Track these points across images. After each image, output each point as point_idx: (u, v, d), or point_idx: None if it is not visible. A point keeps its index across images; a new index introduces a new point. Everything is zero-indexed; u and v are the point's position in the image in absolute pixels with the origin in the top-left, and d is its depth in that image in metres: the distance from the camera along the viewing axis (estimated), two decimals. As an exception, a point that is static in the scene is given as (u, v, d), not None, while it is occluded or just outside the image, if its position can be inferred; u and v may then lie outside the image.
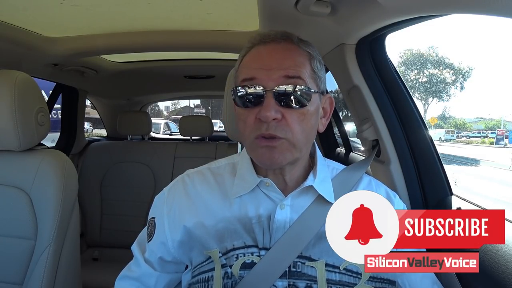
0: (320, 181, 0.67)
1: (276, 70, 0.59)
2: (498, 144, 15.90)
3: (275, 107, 0.58)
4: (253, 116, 0.60)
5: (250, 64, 0.63)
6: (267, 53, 0.62)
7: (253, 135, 0.60)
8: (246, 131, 0.62)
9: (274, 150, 0.60)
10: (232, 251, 0.63)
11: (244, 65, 0.64)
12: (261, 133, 0.59)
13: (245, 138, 0.63)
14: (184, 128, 2.19)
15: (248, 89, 0.60)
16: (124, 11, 1.16)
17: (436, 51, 26.63)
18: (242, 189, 0.67)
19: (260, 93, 0.59)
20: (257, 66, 0.61)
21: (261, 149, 0.60)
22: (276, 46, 0.63)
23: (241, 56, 0.66)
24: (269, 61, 0.60)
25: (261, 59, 0.61)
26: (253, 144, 0.61)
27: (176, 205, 0.69)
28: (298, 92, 0.59)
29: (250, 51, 0.65)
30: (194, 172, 0.74)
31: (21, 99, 0.91)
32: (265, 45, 0.63)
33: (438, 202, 0.86)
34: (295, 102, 0.60)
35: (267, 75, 0.59)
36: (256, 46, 0.64)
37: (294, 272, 0.61)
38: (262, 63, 0.61)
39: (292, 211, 0.65)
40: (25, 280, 0.91)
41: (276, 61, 0.60)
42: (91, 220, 2.02)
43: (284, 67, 0.60)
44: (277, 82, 0.59)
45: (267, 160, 0.61)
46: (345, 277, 0.61)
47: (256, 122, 0.60)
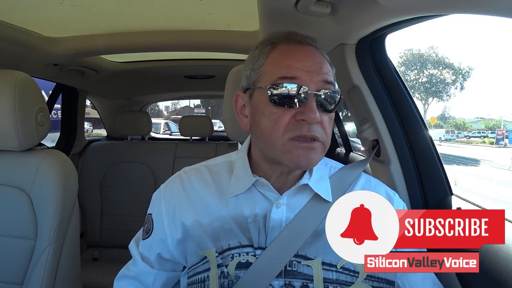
0: (317, 180, 0.67)
1: (317, 73, 0.60)
2: (498, 144, 15.90)
3: (317, 109, 0.58)
4: (289, 116, 0.59)
5: (288, 62, 0.60)
6: (305, 54, 0.61)
7: (288, 136, 0.59)
8: (278, 131, 0.59)
9: (312, 152, 0.59)
10: (227, 250, 0.63)
11: (276, 61, 0.62)
12: (301, 134, 0.58)
13: (274, 139, 0.60)
14: (184, 128, 2.19)
15: (289, 87, 0.58)
16: (124, 11, 1.16)
17: (436, 51, 26.63)
18: (238, 188, 0.66)
19: (304, 93, 0.58)
20: (298, 66, 0.59)
21: (297, 150, 0.59)
22: (311, 49, 0.62)
23: (264, 52, 0.63)
24: (310, 63, 0.60)
25: (301, 60, 0.60)
26: (288, 145, 0.59)
27: (174, 202, 0.69)
28: (332, 97, 0.61)
29: (278, 48, 0.63)
30: (191, 169, 0.74)
31: (21, 99, 0.91)
32: (299, 45, 0.62)
33: (438, 202, 0.86)
34: (329, 106, 0.61)
35: (309, 76, 0.59)
36: (286, 44, 0.63)
37: (290, 271, 0.61)
38: (303, 63, 0.60)
39: (288, 210, 0.65)
40: (25, 280, 0.91)
41: (315, 64, 0.60)
42: (91, 220, 2.02)
43: (323, 72, 0.60)
44: (317, 86, 0.59)
45: (304, 162, 0.59)
46: (342, 275, 0.61)
47: (292, 123, 0.59)
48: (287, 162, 0.60)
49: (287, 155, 0.59)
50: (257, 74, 0.63)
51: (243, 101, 0.67)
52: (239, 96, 0.68)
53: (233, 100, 0.69)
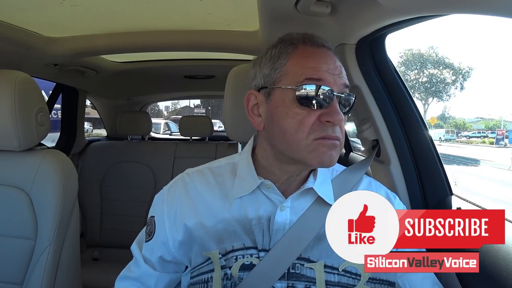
0: (320, 183, 0.67)
1: (338, 76, 0.61)
2: (498, 144, 15.91)
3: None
4: (314, 117, 0.59)
5: (314, 64, 0.61)
6: (327, 57, 0.62)
7: (313, 136, 0.59)
8: (303, 131, 0.59)
9: (334, 150, 0.60)
10: (231, 252, 0.63)
11: (300, 62, 0.61)
12: (326, 135, 0.59)
13: (299, 139, 0.60)
14: (184, 128, 2.19)
15: (317, 89, 0.59)
16: (124, 11, 1.16)
17: (436, 51, 26.65)
18: (243, 190, 0.66)
19: (331, 95, 0.59)
20: (323, 68, 0.60)
21: (324, 147, 0.59)
22: (330, 53, 0.64)
23: (287, 52, 0.63)
24: (333, 66, 0.61)
25: (326, 63, 0.61)
26: (313, 145, 0.59)
27: (176, 204, 0.69)
28: (348, 99, 0.63)
29: (300, 49, 0.63)
30: (194, 171, 0.74)
31: (21, 99, 0.91)
32: (321, 48, 0.63)
33: (438, 202, 0.86)
34: (345, 109, 0.62)
35: (333, 79, 0.60)
36: (309, 46, 0.63)
37: (293, 273, 0.61)
38: (328, 66, 0.61)
39: (292, 213, 0.65)
40: (25, 280, 0.91)
41: (337, 68, 0.62)
42: (91, 220, 2.01)
43: (343, 75, 0.62)
44: (339, 88, 0.61)
45: (328, 159, 0.60)
46: (344, 278, 0.61)
47: (317, 124, 0.59)
48: (312, 161, 0.60)
49: (313, 154, 0.59)
50: (278, 74, 0.62)
51: (257, 100, 0.66)
52: (251, 95, 0.67)
53: (244, 98, 0.68)
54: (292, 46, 0.63)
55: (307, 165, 0.62)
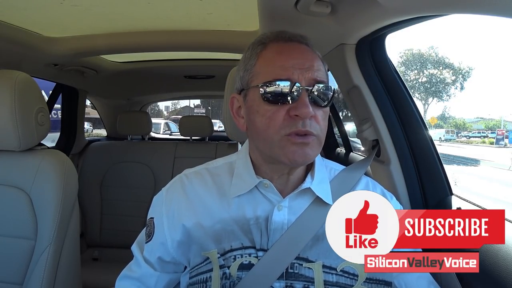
0: (318, 183, 0.67)
1: (308, 70, 0.61)
2: (498, 144, 15.90)
3: (310, 105, 0.59)
4: (283, 112, 0.60)
5: (280, 61, 0.61)
6: (296, 52, 0.62)
7: (284, 132, 0.59)
8: (273, 128, 0.60)
9: (306, 147, 0.60)
10: (229, 252, 0.63)
11: (268, 61, 0.63)
12: (296, 130, 0.59)
13: (270, 136, 0.61)
14: (184, 128, 2.19)
15: (281, 85, 0.60)
16: (124, 11, 1.16)
17: (436, 51, 26.63)
18: (240, 189, 0.66)
19: (297, 90, 0.59)
20: (289, 64, 0.61)
21: (293, 146, 0.59)
22: (301, 47, 0.64)
23: (256, 52, 0.65)
24: (301, 61, 0.61)
25: (292, 58, 0.61)
26: (283, 141, 0.60)
27: (174, 205, 0.69)
28: (324, 92, 0.62)
29: (269, 48, 0.64)
30: (192, 172, 0.74)
31: (21, 99, 0.91)
32: (289, 44, 0.63)
33: (438, 202, 0.86)
34: (322, 102, 0.62)
35: (301, 73, 0.60)
36: (276, 43, 0.64)
37: (292, 273, 0.61)
38: (294, 61, 0.61)
39: (290, 213, 0.65)
40: (25, 280, 0.91)
41: (307, 61, 0.61)
42: (91, 220, 2.01)
43: (314, 68, 0.61)
44: (309, 82, 0.60)
45: (300, 158, 0.60)
46: (341, 278, 0.62)
47: (287, 119, 0.60)
48: (283, 158, 0.61)
49: (283, 150, 0.60)
50: (250, 75, 0.64)
51: (239, 103, 0.68)
52: (234, 98, 0.69)
53: (228, 102, 0.70)
54: (261, 46, 0.65)
55: (282, 163, 0.62)
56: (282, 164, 0.63)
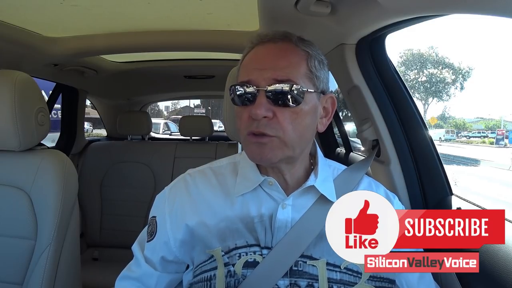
0: (322, 181, 0.68)
1: (269, 70, 0.61)
2: (498, 144, 15.90)
3: (266, 106, 0.59)
4: (247, 113, 0.61)
5: (248, 64, 0.64)
6: (263, 54, 0.64)
7: (245, 131, 0.62)
8: (240, 127, 0.64)
9: (264, 147, 0.61)
10: (234, 250, 0.63)
11: (243, 65, 0.66)
12: (251, 130, 0.61)
13: (240, 134, 0.65)
14: (184, 128, 2.19)
15: (242, 88, 0.62)
16: (124, 11, 1.16)
17: (436, 51, 26.63)
18: (245, 187, 0.67)
19: (253, 92, 0.60)
20: (252, 66, 0.63)
21: (251, 145, 0.62)
22: (273, 46, 0.64)
23: (242, 57, 0.68)
24: (263, 61, 0.62)
25: (256, 60, 0.64)
26: (245, 140, 0.63)
27: (177, 204, 0.69)
28: (290, 91, 0.60)
29: (250, 52, 0.66)
30: (196, 171, 0.74)
31: (21, 99, 0.91)
32: (263, 45, 0.65)
33: (438, 202, 0.86)
34: (287, 101, 0.60)
35: (260, 74, 0.61)
36: (256, 46, 0.66)
37: (296, 270, 0.62)
38: (257, 63, 0.63)
39: (294, 211, 0.65)
40: (25, 280, 0.91)
41: (270, 61, 0.62)
42: (91, 220, 2.01)
43: (277, 68, 0.61)
44: (268, 82, 0.60)
45: (257, 156, 0.62)
46: (345, 276, 0.62)
47: (249, 120, 0.61)
48: (248, 157, 0.65)
49: (246, 149, 0.65)
50: (237, 77, 0.68)
51: None
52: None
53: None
54: (247, 49, 0.67)
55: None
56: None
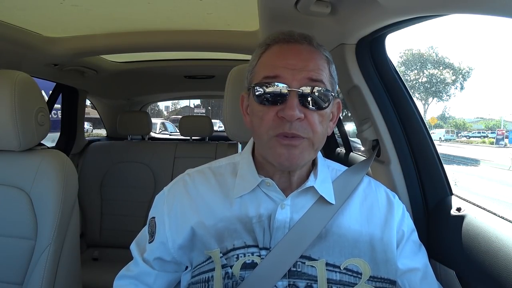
0: (321, 182, 0.68)
1: (301, 70, 0.60)
2: (498, 144, 15.91)
3: (299, 107, 0.58)
4: (273, 113, 0.60)
5: (274, 61, 0.62)
6: (291, 53, 0.62)
7: (272, 132, 0.60)
8: (263, 128, 0.61)
9: (294, 150, 0.60)
10: (232, 251, 0.63)
11: (264, 62, 0.64)
12: (283, 132, 0.59)
13: (261, 135, 0.62)
14: (184, 128, 2.19)
15: (270, 86, 0.60)
16: (124, 11, 1.16)
17: (436, 51, 26.67)
18: (243, 189, 0.67)
19: (284, 91, 0.59)
20: (281, 64, 0.60)
21: (279, 147, 0.60)
22: (300, 47, 0.63)
23: (258, 54, 0.66)
24: (294, 61, 0.60)
25: (285, 58, 0.61)
26: (272, 142, 0.60)
27: (177, 205, 0.69)
28: (320, 94, 0.60)
29: (270, 49, 0.64)
30: (195, 171, 0.74)
31: (21, 99, 0.91)
32: (287, 44, 0.63)
33: (438, 202, 0.86)
34: (317, 103, 0.60)
35: (292, 74, 0.59)
36: (276, 44, 0.64)
37: (294, 271, 0.61)
38: (287, 62, 0.60)
39: (292, 211, 0.65)
40: (25, 280, 0.91)
41: (301, 62, 0.61)
42: (91, 220, 2.02)
43: (308, 69, 0.60)
44: (301, 83, 0.59)
45: (286, 160, 0.60)
46: (345, 276, 0.61)
47: (275, 120, 0.60)
48: (271, 159, 0.62)
49: (271, 151, 0.61)
50: (251, 75, 0.66)
51: (247, 101, 0.69)
52: (244, 96, 0.70)
53: (240, 99, 0.71)
54: (264, 47, 0.65)
55: (271, 164, 0.63)
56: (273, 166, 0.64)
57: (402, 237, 0.67)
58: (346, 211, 0.67)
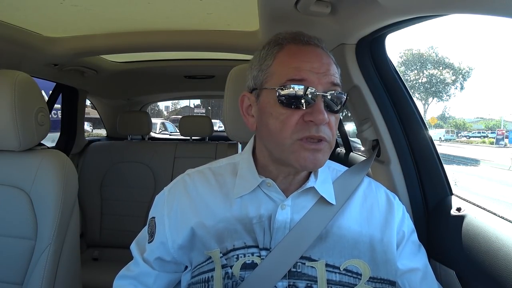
0: (321, 183, 0.68)
1: (324, 75, 0.60)
2: (498, 144, 15.92)
3: (325, 111, 0.59)
4: (297, 117, 0.59)
5: (297, 63, 0.60)
6: (313, 56, 0.61)
7: (296, 136, 0.59)
8: (286, 131, 0.59)
9: (318, 153, 0.60)
10: (232, 251, 0.63)
11: (284, 63, 0.62)
12: (310, 135, 0.58)
13: (283, 139, 0.60)
14: (184, 128, 2.19)
15: (298, 89, 0.59)
16: (124, 11, 1.16)
17: (436, 51, 26.67)
18: (243, 189, 0.67)
19: (313, 95, 0.59)
20: (306, 67, 0.60)
21: (305, 151, 0.59)
22: (319, 51, 0.63)
23: (272, 53, 0.64)
24: (318, 65, 0.60)
25: (309, 61, 0.60)
26: (295, 146, 0.59)
27: (177, 206, 0.69)
28: (339, 98, 0.62)
29: (286, 49, 0.63)
30: (195, 171, 0.74)
31: (21, 99, 0.91)
32: (307, 46, 0.63)
33: (438, 202, 0.86)
34: (336, 107, 0.61)
35: (317, 78, 0.59)
36: (294, 45, 0.63)
37: (294, 272, 0.61)
38: (311, 65, 0.60)
39: (293, 211, 0.65)
40: (25, 280, 0.91)
41: (324, 66, 0.61)
42: (91, 220, 2.01)
43: (330, 74, 0.61)
44: (325, 87, 0.60)
45: (311, 164, 0.60)
46: (345, 277, 0.61)
47: (300, 124, 0.59)
48: (294, 163, 0.60)
49: (294, 155, 0.60)
50: (264, 75, 0.63)
51: (250, 101, 0.67)
52: (245, 96, 0.68)
53: (239, 99, 0.69)
54: (278, 46, 0.64)
55: (292, 166, 0.62)
56: (291, 168, 0.63)
57: (402, 238, 0.67)
58: (346, 212, 0.67)
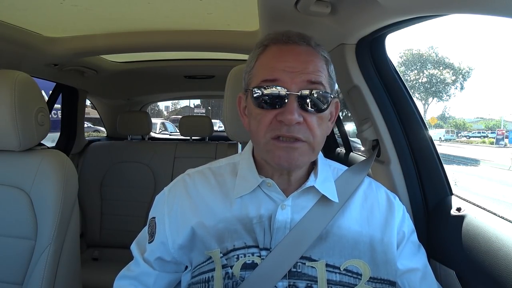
0: (322, 181, 0.68)
1: (300, 73, 0.59)
2: (498, 144, 15.92)
3: (298, 110, 0.58)
4: (271, 117, 0.59)
5: (272, 64, 0.61)
6: (290, 55, 0.61)
7: (269, 135, 0.59)
8: (261, 131, 0.60)
9: (294, 152, 0.59)
10: (232, 251, 0.63)
11: (263, 64, 0.62)
12: (280, 134, 0.58)
13: (259, 138, 0.61)
14: (184, 128, 2.19)
15: (269, 89, 0.59)
16: (124, 11, 1.16)
17: (436, 51, 26.67)
18: (243, 189, 0.67)
19: (283, 95, 0.58)
20: (280, 67, 0.59)
21: (279, 150, 0.59)
22: (298, 48, 0.62)
23: (255, 54, 0.65)
24: (293, 64, 0.59)
25: (284, 61, 0.60)
26: (269, 145, 0.60)
27: (177, 205, 0.69)
28: (319, 96, 0.60)
29: (268, 50, 0.63)
30: (195, 171, 0.74)
31: (21, 99, 0.91)
32: (286, 45, 0.62)
33: (438, 202, 0.86)
34: (316, 106, 0.60)
35: (290, 77, 0.59)
36: (274, 45, 0.63)
37: (295, 272, 0.61)
38: (285, 64, 0.59)
39: (293, 211, 0.65)
40: (25, 280, 0.91)
41: (300, 64, 0.60)
42: (91, 220, 2.02)
43: (308, 72, 0.59)
44: (300, 86, 0.59)
45: (285, 162, 0.60)
46: (345, 277, 0.61)
47: (274, 123, 0.59)
48: (270, 161, 0.62)
49: (270, 154, 0.61)
50: (249, 76, 0.65)
51: (244, 102, 0.68)
52: (241, 98, 0.70)
53: (236, 100, 0.71)
54: (261, 48, 0.64)
55: (270, 165, 0.63)
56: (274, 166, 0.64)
57: (403, 238, 0.67)
58: (347, 212, 0.67)
